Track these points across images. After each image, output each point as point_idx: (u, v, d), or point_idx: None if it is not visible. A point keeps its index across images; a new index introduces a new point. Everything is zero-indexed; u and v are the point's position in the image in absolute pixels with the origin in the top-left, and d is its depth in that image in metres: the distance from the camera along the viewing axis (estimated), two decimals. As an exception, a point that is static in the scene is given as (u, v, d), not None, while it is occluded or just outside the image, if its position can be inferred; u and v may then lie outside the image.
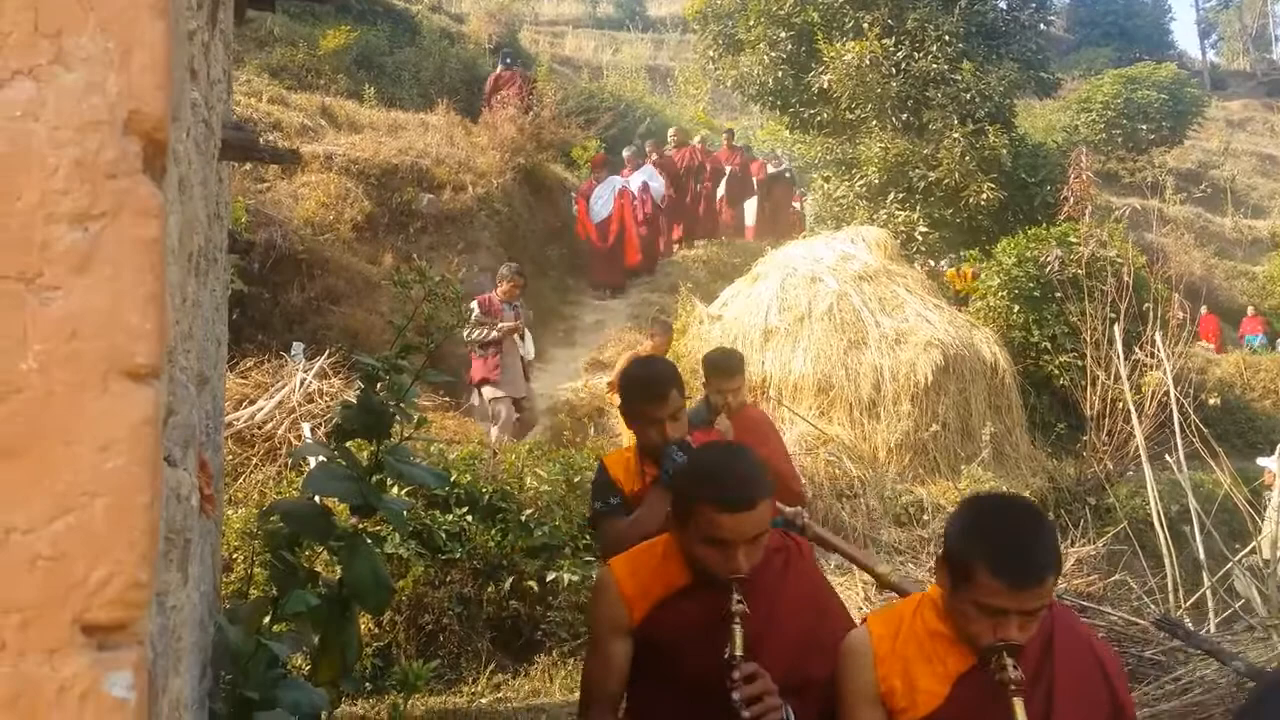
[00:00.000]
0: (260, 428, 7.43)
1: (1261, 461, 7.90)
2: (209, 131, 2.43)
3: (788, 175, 17.53)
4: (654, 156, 14.96)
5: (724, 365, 5.05)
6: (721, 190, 16.39)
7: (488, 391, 8.61)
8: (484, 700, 5.58)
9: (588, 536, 6.75)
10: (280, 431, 7.38)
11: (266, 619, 2.98)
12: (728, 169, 16.46)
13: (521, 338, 8.94)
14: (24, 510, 0.87)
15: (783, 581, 2.41)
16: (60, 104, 0.91)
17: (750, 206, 17.05)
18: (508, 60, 15.74)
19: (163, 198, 0.94)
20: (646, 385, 3.27)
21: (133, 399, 0.90)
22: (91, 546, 0.88)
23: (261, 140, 3.89)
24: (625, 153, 15.06)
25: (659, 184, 14.53)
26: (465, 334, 8.34)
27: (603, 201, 13.79)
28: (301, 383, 7.81)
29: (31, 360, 0.88)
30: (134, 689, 0.88)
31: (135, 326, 0.90)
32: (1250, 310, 19.47)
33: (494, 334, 8.55)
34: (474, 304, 8.48)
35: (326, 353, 8.24)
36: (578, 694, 5.55)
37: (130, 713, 0.87)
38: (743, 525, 2.18)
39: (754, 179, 17.01)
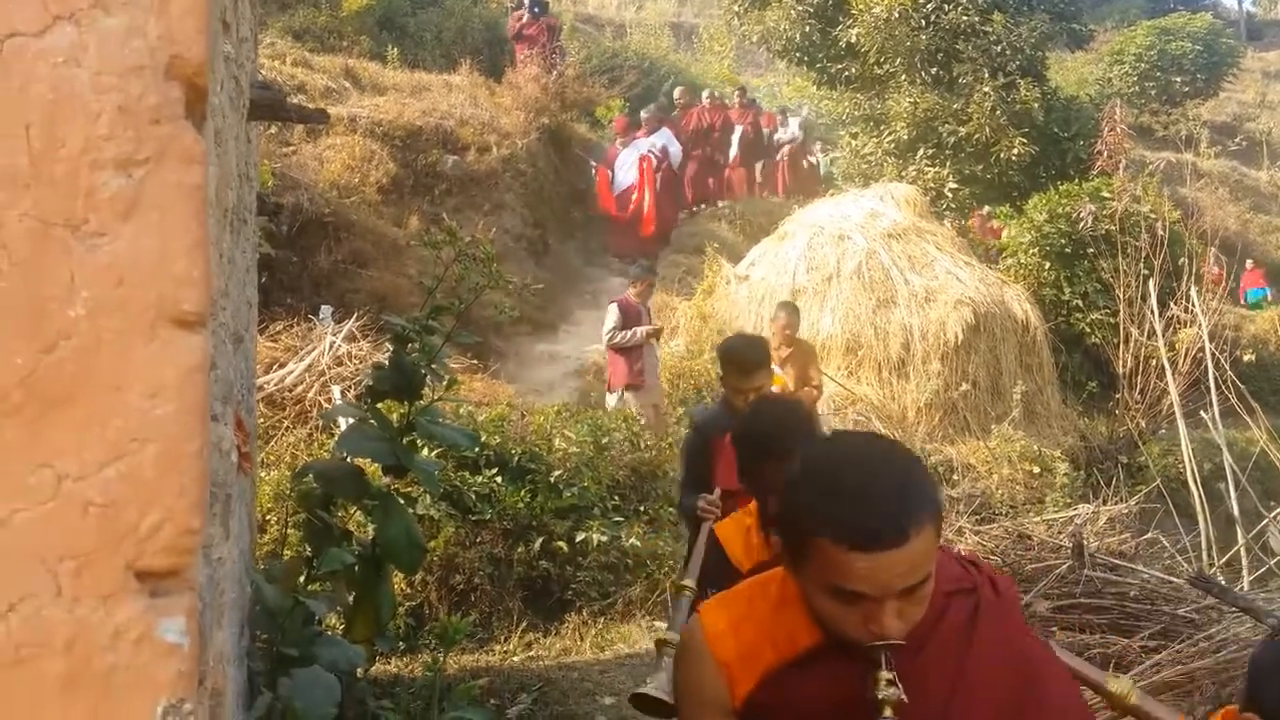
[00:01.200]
0: (290, 390, 7.48)
1: None
2: (239, 89, 2.41)
3: (794, 136, 17.21)
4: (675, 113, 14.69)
5: (740, 360, 4.10)
6: (735, 150, 16.07)
7: (631, 397, 8.47)
8: (516, 658, 5.64)
9: (616, 498, 6.79)
10: (310, 394, 7.42)
11: (302, 578, 3.02)
12: (739, 129, 16.13)
13: (658, 340, 8.83)
14: (75, 457, 0.88)
15: (968, 643, 1.53)
16: (102, 49, 0.90)
17: (760, 165, 16.79)
18: (535, 10, 15.30)
19: (204, 145, 0.93)
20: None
21: (181, 346, 0.90)
22: (142, 493, 0.88)
23: (289, 102, 3.87)
24: (643, 113, 14.61)
25: (677, 148, 14.20)
26: (606, 338, 8.41)
27: (626, 168, 13.35)
28: (331, 346, 7.85)
29: (80, 307, 0.88)
30: (187, 634, 0.88)
31: (182, 274, 0.90)
32: (1249, 263, 18.14)
33: (638, 338, 8.43)
34: (613, 306, 8.53)
35: (355, 316, 8.27)
36: (607, 653, 5.62)
37: (184, 657, 0.87)
38: (892, 567, 1.36)
39: (771, 134, 16.79)
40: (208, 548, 1.31)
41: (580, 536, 6.20)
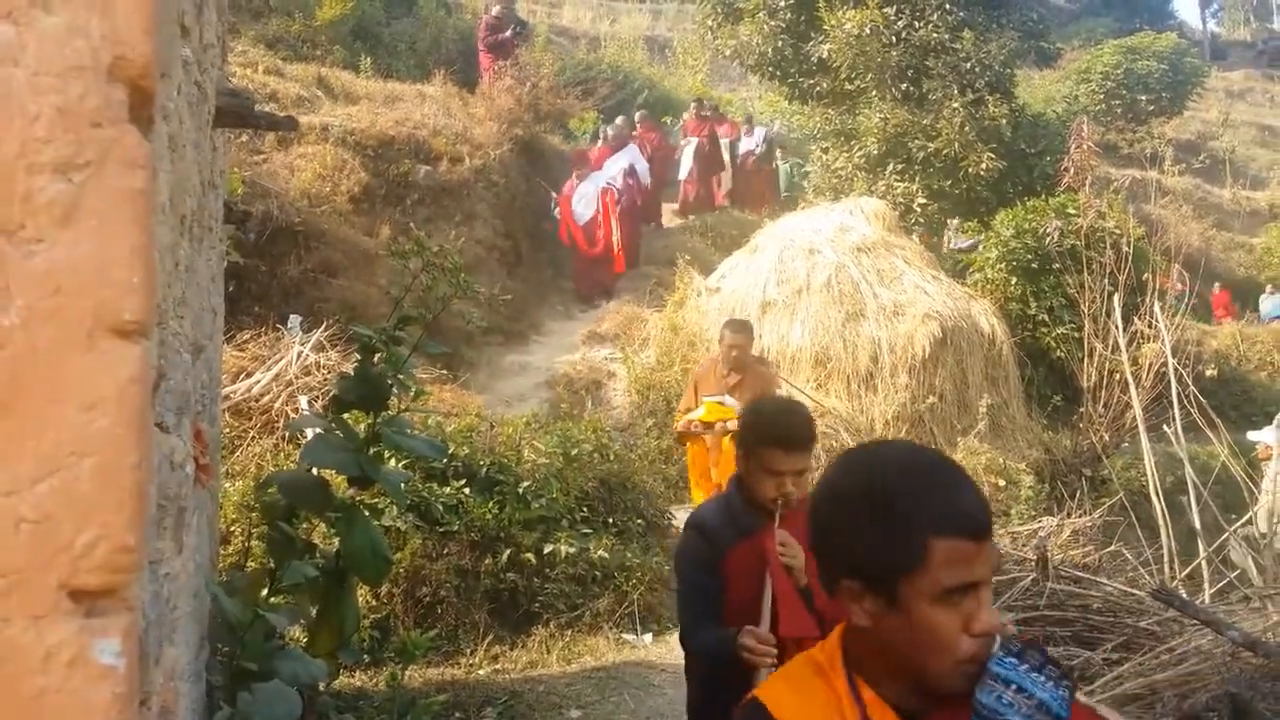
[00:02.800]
0: (257, 400, 7.40)
1: (1253, 435, 7.84)
2: (202, 95, 2.38)
3: (757, 145, 17.07)
4: (638, 132, 14.48)
5: (784, 434, 4.37)
6: (689, 164, 15.91)
7: None
8: (482, 671, 5.59)
9: (585, 509, 6.76)
10: (277, 404, 7.35)
11: (264, 591, 2.97)
12: (693, 141, 15.96)
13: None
14: (7, 471, 0.84)
15: None
16: (41, 48, 0.87)
17: (723, 175, 16.65)
18: (518, 30, 15.14)
19: (150, 148, 0.90)
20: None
21: (120, 357, 0.87)
22: (77, 509, 0.85)
23: (257, 109, 3.83)
24: (608, 130, 14.43)
25: (644, 165, 13.94)
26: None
27: (586, 201, 12.79)
28: (299, 355, 7.78)
29: (14, 315, 0.85)
30: (123, 656, 0.85)
31: (122, 281, 0.87)
32: (1217, 286, 19.39)
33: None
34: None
35: (324, 325, 8.21)
36: (574, 665, 5.58)
37: (119, 680, 0.84)
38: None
39: (730, 143, 16.61)
40: (156, 563, 1.28)
41: (548, 548, 6.16)
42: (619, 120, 14.96)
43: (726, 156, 16.71)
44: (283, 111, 11.22)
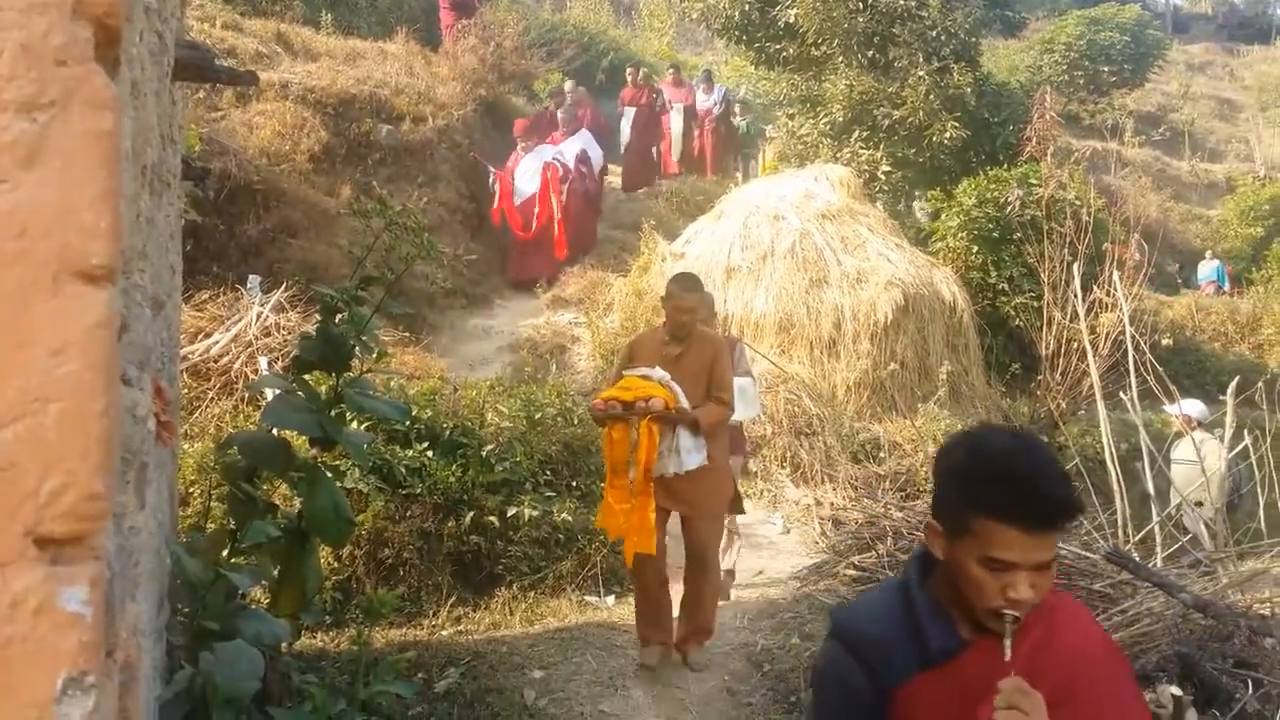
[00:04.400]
0: (216, 361, 7.32)
1: (1170, 408, 7.82)
2: (162, 45, 2.32)
3: (714, 103, 16.33)
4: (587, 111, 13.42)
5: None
6: (626, 133, 15.27)
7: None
8: (445, 633, 5.61)
9: (548, 473, 6.77)
10: (237, 365, 7.28)
11: (225, 551, 2.95)
12: (631, 111, 15.31)
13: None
14: (-29, 418, 0.82)
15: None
16: (2, -17, 0.84)
17: (673, 141, 15.88)
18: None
19: (116, 90, 0.88)
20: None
21: (87, 301, 0.85)
22: (43, 456, 0.83)
23: (217, 64, 3.75)
24: (559, 113, 13.32)
25: (599, 151, 12.97)
26: None
27: (528, 176, 11.59)
28: (258, 316, 7.69)
29: (-24, 259, 0.83)
30: (90, 604, 0.84)
31: (89, 225, 0.85)
32: (1209, 254, 19.94)
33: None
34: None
35: (284, 286, 8.12)
36: (537, 626, 5.61)
37: (86, 628, 0.83)
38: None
39: (686, 107, 15.89)
40: (119, 516, 1.26)
41: (511, 511, 6.18)
42: (569, 97, 13.96)
43: (679, 121, 15.94)
44: (241, 67, 11.01)
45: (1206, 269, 19.35)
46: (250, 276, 8.42)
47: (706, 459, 4.92)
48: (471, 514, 6.12)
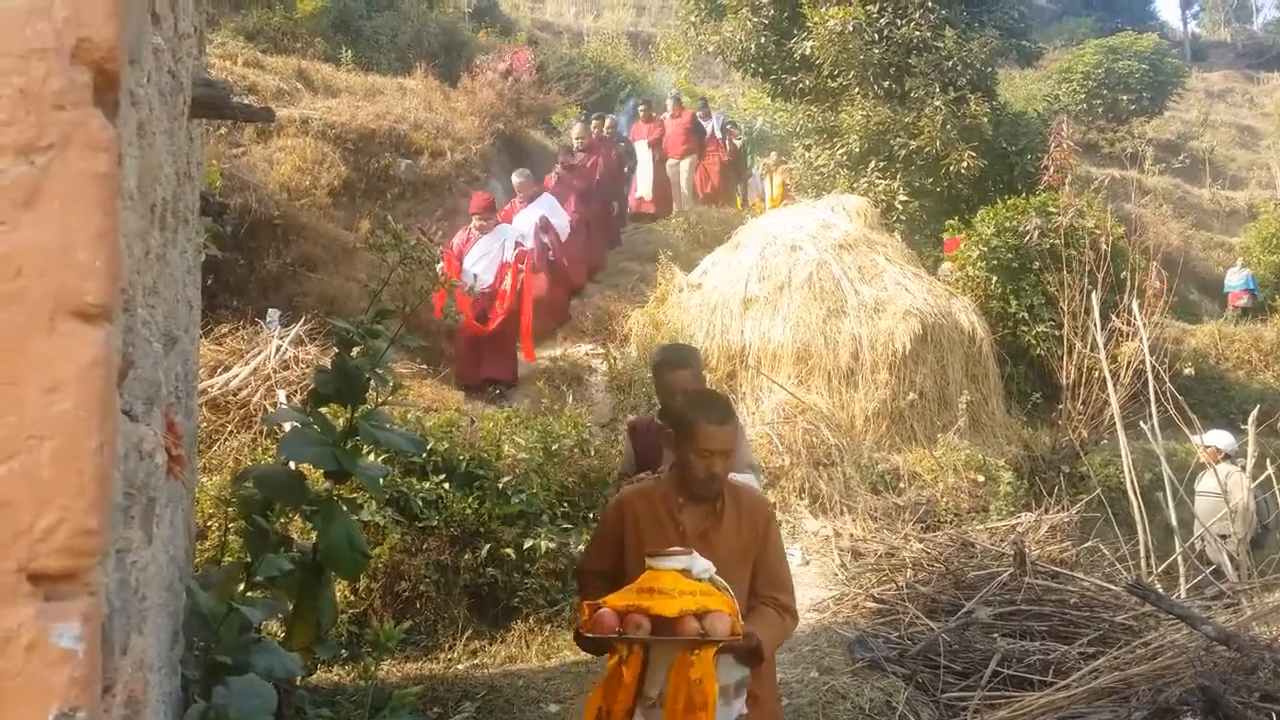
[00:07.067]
0: (235, 394, 7.37)
1: (1197, 439, 7.70)
2: (176, 84, 2.36)
3: (712, 129, 16.18)
4: (556, 172, 12.27)
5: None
6: (648, 178, 14.99)
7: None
8: (460, 666, 5.58)
9: (565, 505, 6.76)
10: (255, 398, 7.32)
11: (240, 585, 2.96)
12: (647, 152, 14.94)
13: None
14: (-33, 455, 0.83)
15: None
16: (2, 29, 0.86)
17: (644, 177, 15.33)
18: None
19: (115, 132, 0.89)
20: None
21: (82, 339, 0.86)
22: (37, 492, 0.84)
23: (235, 101, 3.81)
24: (515, 179, 11.40)
25: (562, 216, 11.36)
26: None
27: (485, 264, 9.61)
28: (277, 349, 7.74)
29: (-26, 299, 0.84)
30: (82, 640, 0.84)
31: (84, 264, 0.86)
32: (1239, 262, 19.93)
33: None
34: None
35: (303, 319, 8.17)
36: (553, 660, 5.57)
37: (79, 664, 0.84)
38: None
39: (639, 144, 15.32)
40: (122, 552, 1.27)
41: (528, 543, 6.16)
42: (522, 171, 11.65)
43: (646, 157, 15.38)
44: (261, 104, 11.17)
45: (1237, 278, 19.16)
46: (270, 310, 8.49)
47: (746, 702, 3.06)
48: (488, 546, 6.11)
